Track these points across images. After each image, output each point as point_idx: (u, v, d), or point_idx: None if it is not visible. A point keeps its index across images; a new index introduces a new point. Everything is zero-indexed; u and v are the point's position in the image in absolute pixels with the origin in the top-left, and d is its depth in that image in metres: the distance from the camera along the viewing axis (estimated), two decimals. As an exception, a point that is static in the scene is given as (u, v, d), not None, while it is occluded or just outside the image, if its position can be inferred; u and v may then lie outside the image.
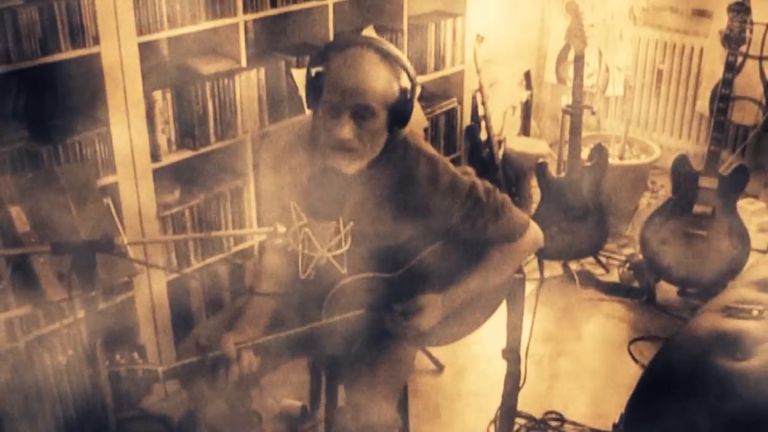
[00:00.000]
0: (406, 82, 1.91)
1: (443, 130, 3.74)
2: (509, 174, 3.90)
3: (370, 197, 1.99)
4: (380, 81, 1.85)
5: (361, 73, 1.84)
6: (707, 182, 3.21)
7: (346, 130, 1.84)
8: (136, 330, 2.73)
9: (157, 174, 2.65)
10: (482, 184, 2.04)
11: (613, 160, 3.86)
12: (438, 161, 2.00)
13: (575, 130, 3.44)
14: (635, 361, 3.10)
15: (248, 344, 1.90)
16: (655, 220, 3.36)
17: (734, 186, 3.21)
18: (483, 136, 3.79)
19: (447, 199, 1.99)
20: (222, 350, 1.87)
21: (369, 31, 3.16)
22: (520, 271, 2.23)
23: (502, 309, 2.28)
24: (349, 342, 2.05)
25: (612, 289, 3.55)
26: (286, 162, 2.03)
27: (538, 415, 2.80)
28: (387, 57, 1.88)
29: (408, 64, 1.92)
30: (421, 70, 3.51)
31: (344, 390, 2.10)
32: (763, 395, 2.06)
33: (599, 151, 3.49)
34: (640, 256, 3.48)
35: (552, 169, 3.51)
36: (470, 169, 2.07)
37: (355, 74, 1.83)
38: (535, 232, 2.14)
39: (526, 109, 4.19)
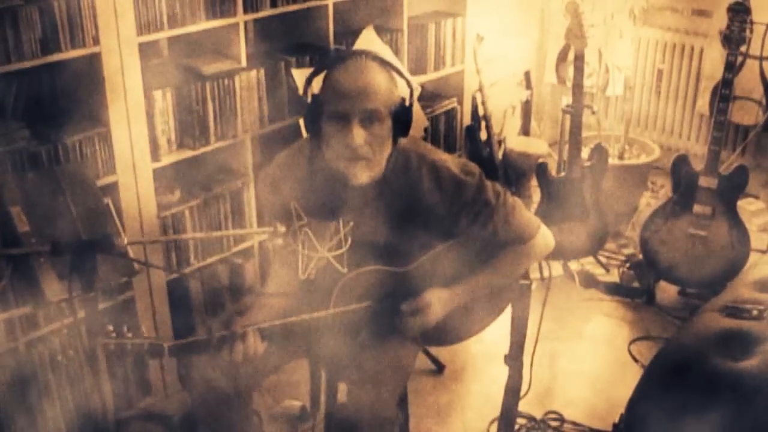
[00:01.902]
0: (404, 90, 1.93)
1: (443, 130, 3.74)
2: (509, 174, 3.90)
3: (374, 206, 2.00)
4: (383, 86, 1.88)
5: (366, 79, 1.86)
6: (707, 182, 3.21)
7: (359, 137, 1.85)
8: (136, 330, 2.72)
9: (157, 174, 2.65)
10: (492, 187, 2.04)
11: (613, 160, 3.86)
12: (440, 166, 2.00)
13: (575, 130, 3.43)
14: (635, 361, 3.10)
15: (255, 326, 1.89)
16: (655, 220, 3.36)
17: (734, 186, 3.21)
18: (483, 136, 3.79)
19: (452, 203, 2.00)
20: (229, 329, 1.87)
21: (369, 32, 3.16)
22: (526, 277, 2.23)
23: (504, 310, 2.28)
24: (353, 335, 2.05)
25: (612, 289, 3.54)
26: (284, 183, 2.03)
27: (538, 415, 2.80)
28: (384, 65, 1.91)
29: (405, 71, 1.93)
30: (421, 70, 3.51)
31: (345, 386, 2.10)
32: (763, 395, 2.06)
33: (599, 151, 3.48)
34: (640, 256, 3.48)
35: (552, 169, 3.51)
36: (474, 167, 2.05)
37: (359, 80, 1.86)
38: (545, 237, 2.14)
39: (526, 109, 4.19)
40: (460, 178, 2.00)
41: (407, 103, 1.94)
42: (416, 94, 1.99)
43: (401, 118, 1.93)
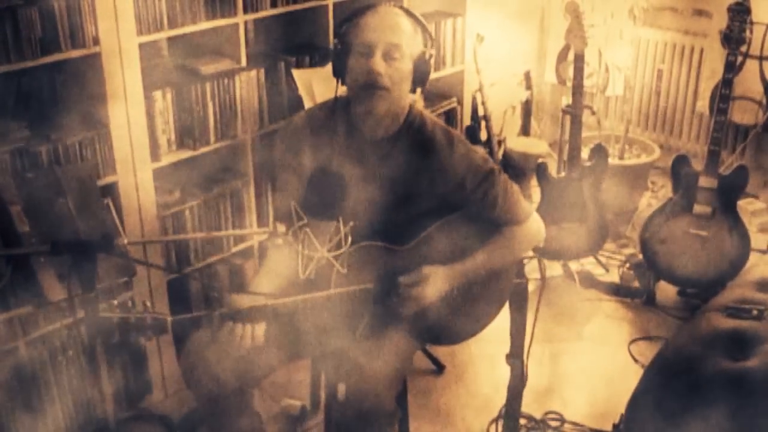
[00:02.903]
0: (426, 43, 2.06)
1: (443, 130, 3.74)
2: (509, 174, 3.89)
3: (388, 165, 2.08)
4: (407, 28, 2.02)
5: (392, 18, 2.01)
6: (707, 182, 3.21)
7: (379, 65, 1.96)
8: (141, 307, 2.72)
9: (157, 174, 2.65)
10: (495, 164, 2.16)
11: (613, 160, 3.86)
12: (453, 133, 2.14)
13: (575, 130, 3.43)
14: (635, 361, 3.10)
15: (257, 305, 1.89)
16: (655, 220, 3.36)
17: (734, 186, 3.21)
18: (483, 136, 3.79)
19: (461, 166, 2.09)
20: (230, 307, 1.87)
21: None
22: (522, 276, 2.23)
23: (502, 309, 2.28)
24: (353, 323, 2.05)
25: (612, 289, 3.54)
26: (302, 142, 2.11)
27: (538, 415, 2.80)
28: (411, 15, 2.05)
29: (428, 26, 2.08)
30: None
31: (344, 381, 2.10)
32: (763, 395, 2.06)
33: (599, 151, 3.48)
34: (640, 256, 3.48)
35: (552, 169, 3.51)
36: (482, 149, 2.15)
37: (386, 17, 2.01)
38: (538, 222, 2.24)
39: (526, 109, 4.19)
40: (470, 147, 2.14)
41: (428, 56, 2.05)
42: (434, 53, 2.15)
43: (421, 69, 2.05)
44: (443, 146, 2.09)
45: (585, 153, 3.63)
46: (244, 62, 2.82)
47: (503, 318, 2.28)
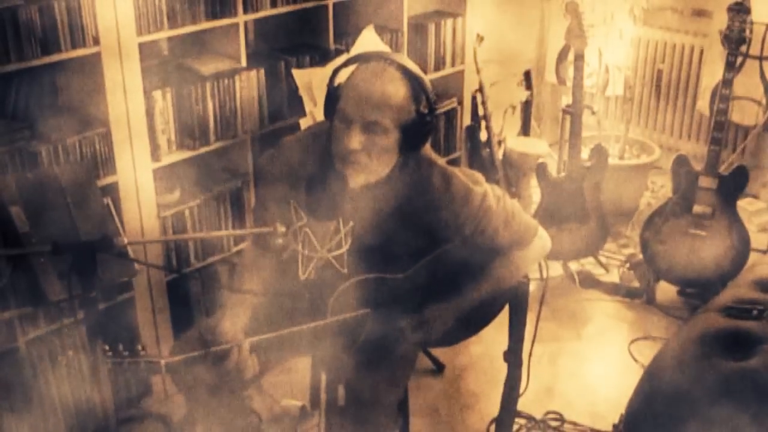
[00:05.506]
0: (424, 107, 1.90)
1: (443, 130, 3.74)
2: (509, 174, 3.90)
3: (379, 206, 1.98)
4: (396, 100, 1.85)
5: (379, 89, 1.83)
6: (707, 182, 3.21)
7: (355, 142, 1.83)
8: (136, 330, 2.73)
9: (157, 174, 2.65)
10: (492, 192, 2.04)
11: (613, 160, 3.86)
12: (451, 174, 1.99)
13: (575, 130, 3.44)
14: (635, 361, 3.10)
15: (252, 339, 1.88)
16: (655, 220, 3.36)
17: (734, 186, 3.21)
18: (483, 136, 3.79)
19: (460, 212, 1.98)
20: (226, 341, 1.85)
21: (369, 31, 3.16)
22: (524, 275, 2.23)
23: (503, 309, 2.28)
24: (353, 340, 2.05)
25: (612, 289, 3.54)
26: (293, 162, 2.01)
27: (538, 415, 2.79)
28: (410, 78, 1.87)
29: (430, 90, 1.91)
30: (422, 70, 3.49)
31: (344, 389, 2.10)
32: (763, 395, 2.06)
33: (599, 151, 3.49)
34: (640, 256, 3.48)
35: (552, 169, 3.51)
36: (480, 176, 2.06)
37: (372, 89, 1.83)
38: (543, 239, 2.15)
39: (526, 109, 4.19)
40: (469, 187, 1.99)
41: (426, 120, 1.89)
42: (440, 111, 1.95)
43: (414, 134, 1.89)
44: (440, 192, 1.96)
45: (585, 153, 3.63)
46: (244, 62, 2.82)
47: (503, 317, 2.28)
